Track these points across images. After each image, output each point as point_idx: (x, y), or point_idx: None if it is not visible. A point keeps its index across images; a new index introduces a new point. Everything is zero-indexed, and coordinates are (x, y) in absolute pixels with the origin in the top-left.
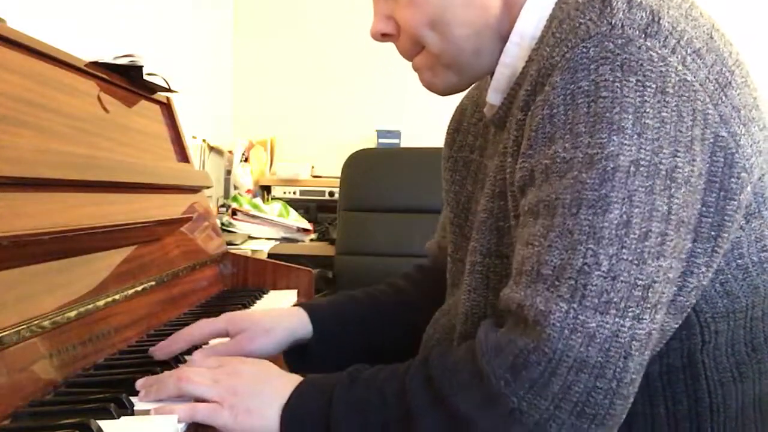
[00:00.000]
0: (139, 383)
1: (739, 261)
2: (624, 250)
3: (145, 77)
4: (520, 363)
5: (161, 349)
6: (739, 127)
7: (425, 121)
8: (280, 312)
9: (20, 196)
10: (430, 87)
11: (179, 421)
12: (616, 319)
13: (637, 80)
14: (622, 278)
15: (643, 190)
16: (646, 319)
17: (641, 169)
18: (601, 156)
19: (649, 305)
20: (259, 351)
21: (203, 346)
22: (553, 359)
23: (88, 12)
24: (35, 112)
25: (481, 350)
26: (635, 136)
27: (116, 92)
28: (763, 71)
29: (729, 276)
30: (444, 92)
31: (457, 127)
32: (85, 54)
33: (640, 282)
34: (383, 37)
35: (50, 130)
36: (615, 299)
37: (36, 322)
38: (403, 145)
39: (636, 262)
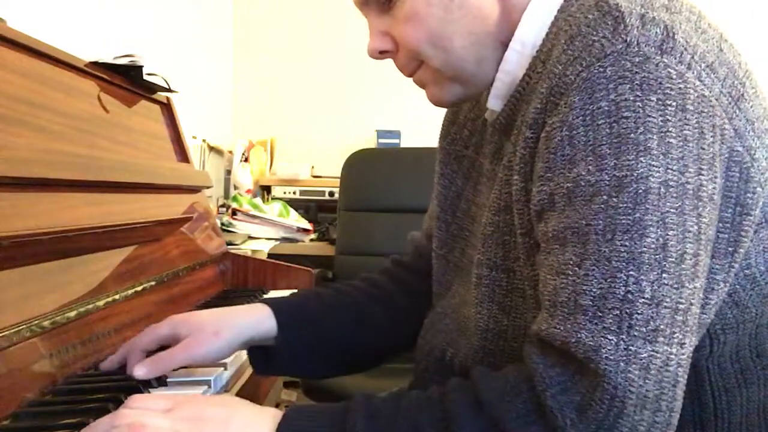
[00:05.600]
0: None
1: (747, 271)
2: (664, 275)
3: (145, 77)
4: (585, 403)
5: (112, 363)
6: (753, 140)
7: (425, 121)
8: (234, 311)
9: (20, 196)
10: (438, 102)
11: None
12: (665, 347)
13: (658, 99)
14: (665, 304)
15: (674, 212)
16: (686, 343)
17: (671, 189)
18: (631, 179)
19: (688, 329)
20: (209, 354)
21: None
22: (616, 396)
23: (88, 12)
24: (35, 112)
25: (542, 383)
26: (661, 157)
27: (116, 92)
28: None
29: (737, 286)
30: (451, 105)
31: (452, 119)
32: (85, 54)
33: (681, 306)
34: (381, 54)
35: (50, 130)
36: (661, 326)
37: (36, 322)
38: (403, 145)
39: (676, 286)
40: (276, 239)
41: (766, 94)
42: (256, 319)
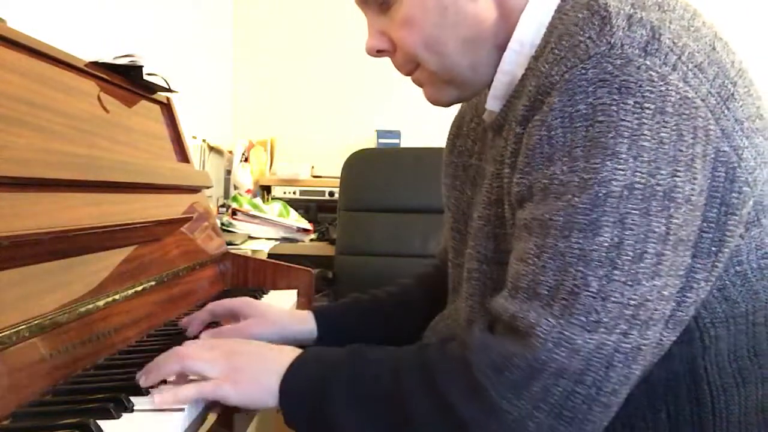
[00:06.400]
0: (140, 374)
1: (738, 268)
2: (616, 272)
3: (145, 77)
4: (503, 364)
5: (189, 322)
6: (741, 140)
7: (425, 121)
8: (291, 312)
9: (20, 196)
10: (435, 102)
11: (184, 402)
12: (603, 336)
13: (635, 102)
14: (613, 298)
15: (636, 213)
16: (633, 334)
17: (635, 192)
18: (594, 181)
19: (638, 322)
20: (260, 337)
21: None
22: (534, 366)
23: (88, 12)
24: (35, 112)
25: (470, 344)
26: (630, 160)
27: (116, 92)
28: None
29: (727, 282)
30: (448, 105)
31: (457, 132)
32: (85, 54)
33: (632, 302)
34: (378, 53)
35: (50, 130)
36: (604, 318)
37: (36, 322)
38: (403, 145)
39: (630, 282)
40: (276, 239)
41: (763, 93)
42: (304, 317)
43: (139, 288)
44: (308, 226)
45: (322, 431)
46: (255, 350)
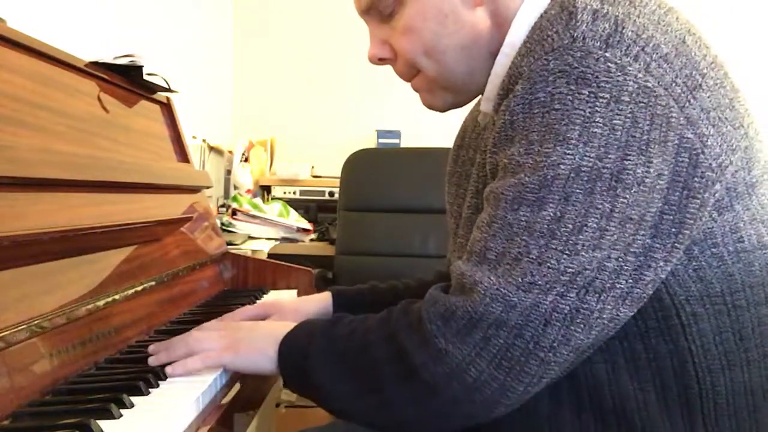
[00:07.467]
0: (151, 348)
1: (714, 250)
2: (554, 241)
3: (145, 77)
4: (448, 314)
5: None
6: (707, 128)
7: (425, 121)
8: (309, 297)
9: (20, 196)
10: (430, 107)
11: (193, 372)
12: (539, 296)
13: (590, 92)
14: (549, 264)
15: (581, 192)
16: (571, 296)
17: (582, 174)
18: (544, 164)
19: (575, 286)
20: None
21: None
22: (474, 317)
23: (88, 12)
24: (35, 112)
25: (425, 300)
26: (580, 146)
27: (116, 92)
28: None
29: (703, 263)
30: (443, 110)
31: (460, 143)
32: (85, 54)
33: (569, 269)
34: (380, 61)
35: (50, 130)
36: (539, 281)
37: (36, 322)
38: (403, 145)
39: (567, 252)
40: (276, 239)
41: (738, 86)
42: (325, 306)
43: (139, 288)
44: (308, 226)
45: (307, 388)
46: (255, 325)
